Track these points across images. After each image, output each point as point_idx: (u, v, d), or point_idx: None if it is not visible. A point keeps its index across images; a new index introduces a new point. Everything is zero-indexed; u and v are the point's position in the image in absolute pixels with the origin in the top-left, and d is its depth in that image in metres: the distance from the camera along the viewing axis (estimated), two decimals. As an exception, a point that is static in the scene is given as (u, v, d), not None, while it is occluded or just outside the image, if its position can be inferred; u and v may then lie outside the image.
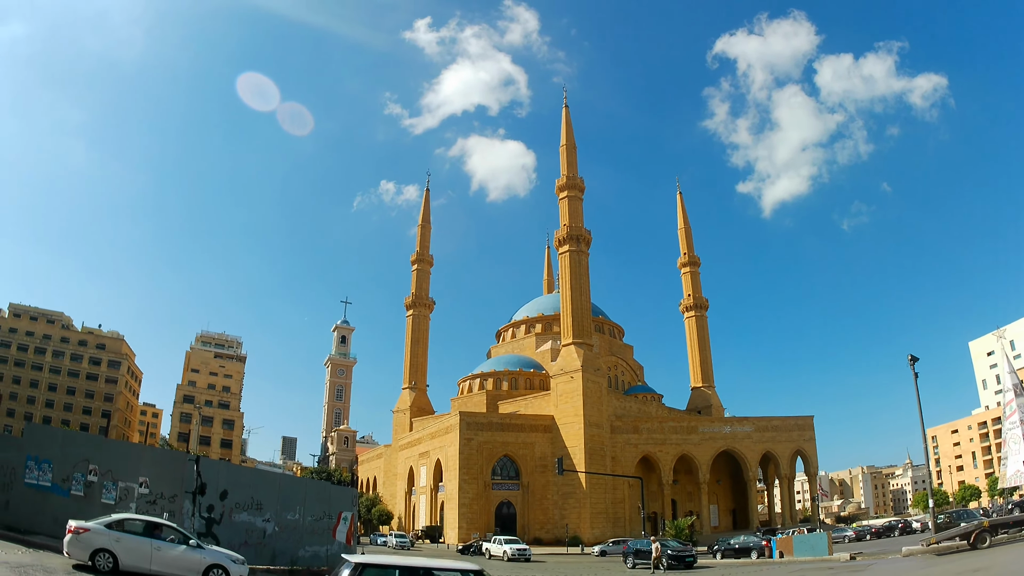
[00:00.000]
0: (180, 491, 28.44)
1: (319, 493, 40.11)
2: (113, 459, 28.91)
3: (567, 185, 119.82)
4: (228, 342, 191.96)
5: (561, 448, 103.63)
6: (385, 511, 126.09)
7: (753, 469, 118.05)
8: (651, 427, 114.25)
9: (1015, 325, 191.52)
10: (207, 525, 29.50)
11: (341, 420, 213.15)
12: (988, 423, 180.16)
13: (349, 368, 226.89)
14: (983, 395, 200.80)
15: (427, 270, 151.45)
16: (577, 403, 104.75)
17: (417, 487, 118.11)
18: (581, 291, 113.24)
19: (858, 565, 43.30)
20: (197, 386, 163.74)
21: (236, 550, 30.80)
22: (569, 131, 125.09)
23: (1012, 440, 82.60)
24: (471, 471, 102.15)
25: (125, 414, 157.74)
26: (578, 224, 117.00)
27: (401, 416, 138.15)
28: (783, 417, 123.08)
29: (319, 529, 37.18)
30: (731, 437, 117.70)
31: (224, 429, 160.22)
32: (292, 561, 33.93)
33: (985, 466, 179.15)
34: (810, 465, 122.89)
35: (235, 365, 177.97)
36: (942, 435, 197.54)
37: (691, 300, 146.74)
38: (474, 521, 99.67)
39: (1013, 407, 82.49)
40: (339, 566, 17.44)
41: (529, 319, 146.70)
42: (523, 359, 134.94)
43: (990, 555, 39.37)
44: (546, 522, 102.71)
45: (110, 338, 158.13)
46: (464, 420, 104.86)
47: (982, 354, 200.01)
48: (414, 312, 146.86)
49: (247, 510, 32.12)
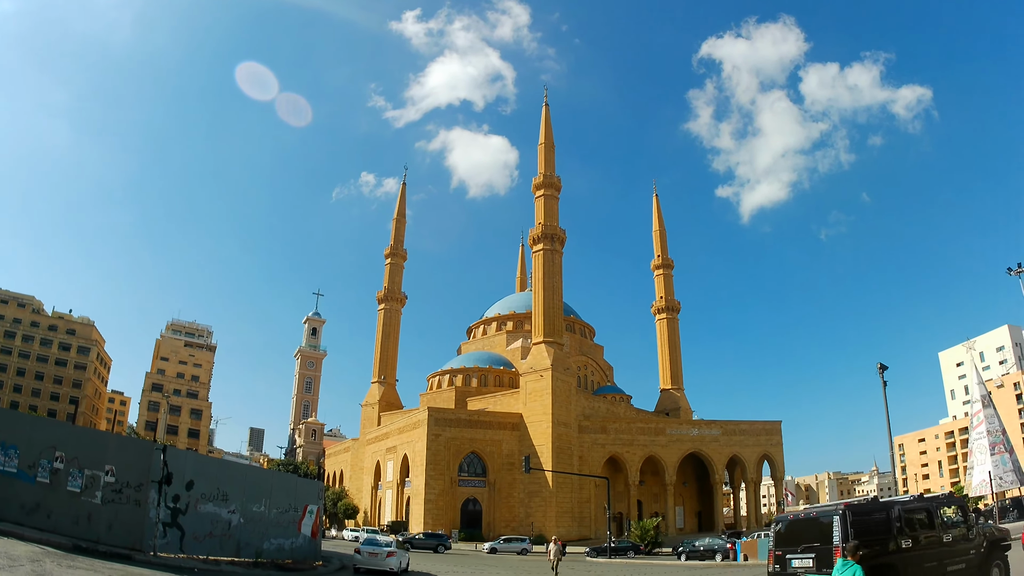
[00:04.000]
0: (147, 480, 28.07)
1: (285, 485, 39.87)
2: (80, 446, 28.63)
3: (543, 184, 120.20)
4: (199, 331, 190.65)
5: (529, 446, 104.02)
6: (351, 505, 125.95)
7: (720, 472, 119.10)
8: (619, 428, 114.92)
9: (985, 337, 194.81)
10: (172, 515, 29.20)
11: (309, 412, 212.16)
12: (955, 433, 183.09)
13: (319, 361, 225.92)
14: (951, 405, 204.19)
15: (400, 264, 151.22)
16: (546, 402, 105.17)
17: (384, 482, 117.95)
18: (553, 290, 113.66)
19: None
20: (166, 375, 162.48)
21: (201, 541, 30.86)
22: (548, 130, 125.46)
23: (978, 450, 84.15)
24: (438, 467, 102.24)
25: (93, 401, 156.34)
26: (553, 223, 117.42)
27: (369, 410, 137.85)
28: (751, 421, 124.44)
29: (284, 522, 37.04)
30: (699, 440, 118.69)
31: (192, 419, 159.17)
32: (257, 553, 33.75)
33: (951, 475, 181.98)
34: (777, 470, 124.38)
35: (205, 354, 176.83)
36: (909, 443, 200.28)
37: (663, 302, 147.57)
38: (440, 517, 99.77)
39: (980, 418, 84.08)
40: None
41: (501, 316, 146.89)
42: (493, 356, 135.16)
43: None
44: (512, 520, 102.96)
45: (80, 324, 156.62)
46: (432, 416, 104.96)
47: (951, 365, 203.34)
48: (386, 306, 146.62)
49: (213, 501, 31.69)
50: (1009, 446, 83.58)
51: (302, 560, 37.61)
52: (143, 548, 27.29)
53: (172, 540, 29.09)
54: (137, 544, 27.24)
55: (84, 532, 26.87)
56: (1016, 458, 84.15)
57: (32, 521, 26.79)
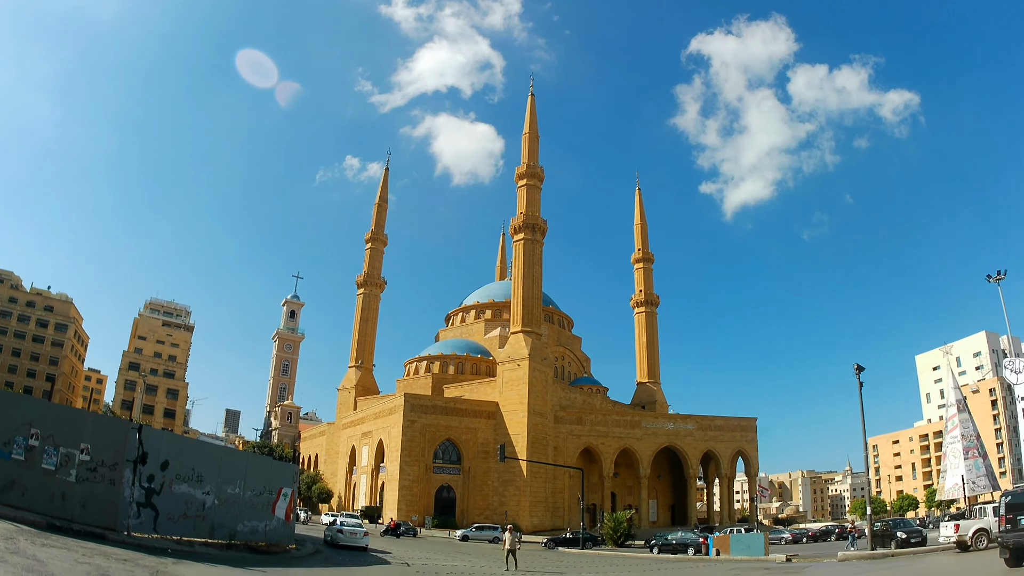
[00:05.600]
0: (121, 459, 27.96)
1: (260, 468, 39.99)
2: (56, 424, 28.52)
3: (527, 173, 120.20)
4: (177, 310, 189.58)
5: (504, 435, 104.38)
6: (325, 489, 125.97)
7: (694, 467, 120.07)
8: (595, 419, 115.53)
9: (962, 342, 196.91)
10: (147, 495, 29.13)
11: (286, 395, 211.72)
12: (929, 436, 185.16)
13: (296, 343, 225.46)
14: (926, 408, 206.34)
15: (381, 249, 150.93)
16: (522, 391, 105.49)
17: (358, 466, 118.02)
18: (533, 280, 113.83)
19: (793, 567, 43.96)
20: (143, 354, 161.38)
21: (176, 522, 30.86)
22: (533, 119, 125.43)
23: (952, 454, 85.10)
24: (413, 453, 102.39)
25: (70, 379, 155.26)
26: (535, 213, 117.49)
27: (346, 394, 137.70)
28: (727, 417, 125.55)
29: (259, 504, 37.05)
30: (674, 434, 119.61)
31: (168, 399, 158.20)
32: (231, 535, 33.76)
33: (924, 477, 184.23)
34: (751, 466, 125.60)
35: (182, 334, 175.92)
36: (883, 445, 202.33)
37: (642, 296, 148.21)
38: (414, 503, 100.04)
39: (955, 422, 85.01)
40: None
41: (479, 304, 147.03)
42: (471, 344, 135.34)
43: (928, 560, 40.74)
44: (485, 508, 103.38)
45: (59, 300, 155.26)
46: (409, 402, 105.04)
47: (927, 368, 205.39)
48: (365, 291, 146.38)
49: (187, 482, 31.71)
50: (983, 451, 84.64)
51: (276, 543, 37.64)
52: (117, 528, 27.34)
53: (146, 520, 29.11)
54: (111, 523, 27.30)
55: (58, 510, 26.87)
56: (989, 463, 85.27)
57: (6, 498, 26.72)
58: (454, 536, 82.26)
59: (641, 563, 51.55)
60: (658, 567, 47.58)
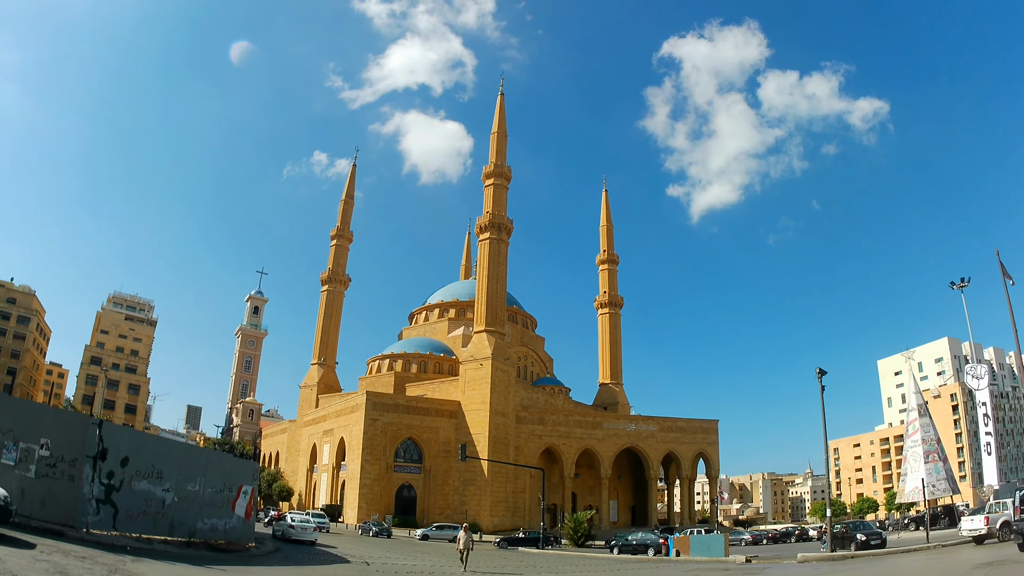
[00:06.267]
0: (82, 455, 27.70)
1: (220, 465, 39.80)
2: (16, 419, 28.18)
3: (494, 173, 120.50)
4: (140, 305, 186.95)
5: (465, 434, 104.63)
6: (286, 487, 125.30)
7: (655, 468, 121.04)
8: (557, 419, 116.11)
9: (924, 348, 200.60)
10: (106, 492, 28.91)
11: (248, 392, 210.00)
12: (890, 440, 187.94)
13: (259, 340, 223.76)
14: (887, 412, 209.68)
15: (346, 246, 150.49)
16: (484, 390, 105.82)
17: (319, 464, 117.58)
18: (498, 279, 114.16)
19: (753, 568, 44.21)
20: (105, 348, 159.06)
21: (135, 519, 30.67)
22: (502, 119, 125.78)
23: (912, 458, 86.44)
24: (374, 452, 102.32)
25: (31, 372, 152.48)
26: (501, 212, 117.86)
27: (308, 392, 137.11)
28: (688, 419, 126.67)
29: (219, 502, 37.00)
30: (635, 435, 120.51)
31: (129, 394, 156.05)
32: (190, 533, 33.69)
33: (884, 480, 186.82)
34: (712, 468, 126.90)
35: (145, 329, 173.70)
36: (844, 448, 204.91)
37: (606, 297, 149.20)
38: (374, 502, 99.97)
39: (916, 426, 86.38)
40: None
41: (444, 303, 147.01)
42: (434, 343, 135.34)
43: (888, 561, 41.51)
44: (446, 507, 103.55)
45: (21, 292, 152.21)
46: (371, 400, 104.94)
47: (889, 373, 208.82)
48: (329, 288, 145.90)
49: (147, 478, 31.57)
50: (943, 455, 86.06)
51: (236, 541, 37.61)
52: (76, 524, 27.24)
53: (105, 517, 29.01)
54: (70, 520, 27.18)
55: (17, 507, 26.65)
56: (949, 467, 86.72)
57: (-36, 494, 26.50)
58: (415, 535, 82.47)
59: (601, 563, 51.78)
60: (618, 568, 47.69)
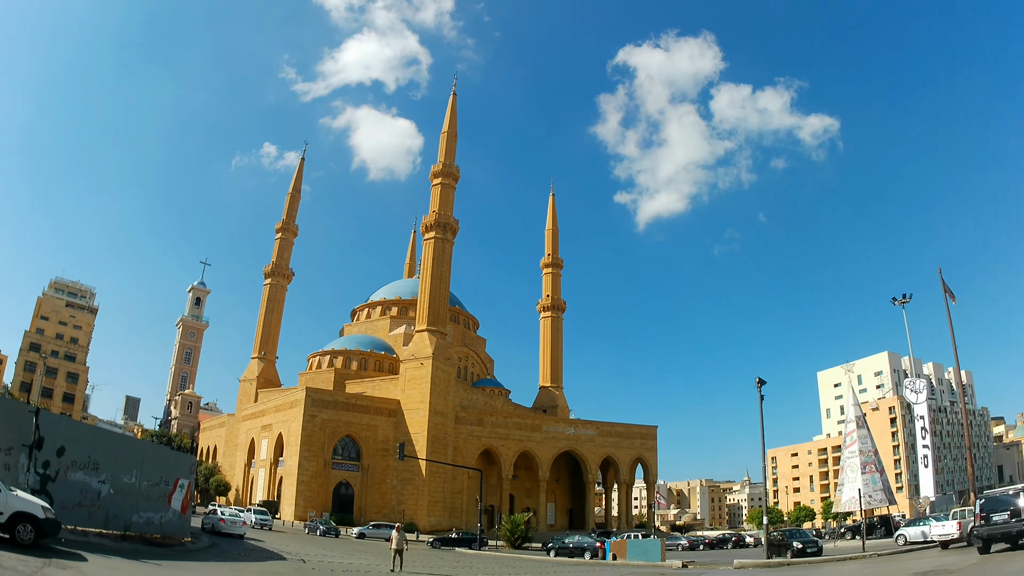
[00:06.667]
0: (18, 444, 27.49)
1: (158, 457, 39.79)
2: (-50, 408, 28.22)
3: (442, 172, 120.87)
4: (82, 291, 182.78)
5: (404, 433, 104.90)
6: (223, 482, 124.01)
7: (593, 472, 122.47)
8: (496, 421, 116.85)
9: (863, 361, 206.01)
10: (42, 482, 28.73)
11: (188, 384, 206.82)
12: (828, 450, 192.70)
13: (201, 332, 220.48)
14: (825, 423, 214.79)
15: (291, 240, 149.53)
16: (424, 390, 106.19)
17: (257, 460, 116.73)
18: (441, 279, 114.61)
19: (690, 573, 44.93)
20: (45, 335, 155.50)
21: (70, 511, 30.44)
22: (453, 119, 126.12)
23: (850, 468, 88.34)
24: (313, 448, 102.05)
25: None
26: (447, 212, 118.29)
27: (247, 386, 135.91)
28: (627, 424, 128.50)
29: (155, 495, 36.92)
30: (574, 439, 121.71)
31: (68, 382, 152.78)
32: (126, 526, 33.61)
33: (821, 490, 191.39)
34: (650, 473, 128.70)
35: (86, 316, 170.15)
36: (782, 457, 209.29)
37: (549, 300, 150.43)
38: (312, 499, 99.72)
39: (854, 437, 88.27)
40: None
41: (386, 301, 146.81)
42: (375, 340, 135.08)
43: (823, 569, 42.68)
44: (383, 506, 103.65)
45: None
46: (310, 396, 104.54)
47: (829, 384, 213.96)
48: (272, 281, 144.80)
49: (83, 469, 31.43)
50: (880, 466, 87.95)
51: (171, 535, 37.64)
52: (10, 515, 27.07)
53: (40, 508, 28.83)
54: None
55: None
56: (886, 478, 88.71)
57: None
58: (351, 533, 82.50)
59: (537, 566, 52.18)
60: (554, 570, 48.06)
